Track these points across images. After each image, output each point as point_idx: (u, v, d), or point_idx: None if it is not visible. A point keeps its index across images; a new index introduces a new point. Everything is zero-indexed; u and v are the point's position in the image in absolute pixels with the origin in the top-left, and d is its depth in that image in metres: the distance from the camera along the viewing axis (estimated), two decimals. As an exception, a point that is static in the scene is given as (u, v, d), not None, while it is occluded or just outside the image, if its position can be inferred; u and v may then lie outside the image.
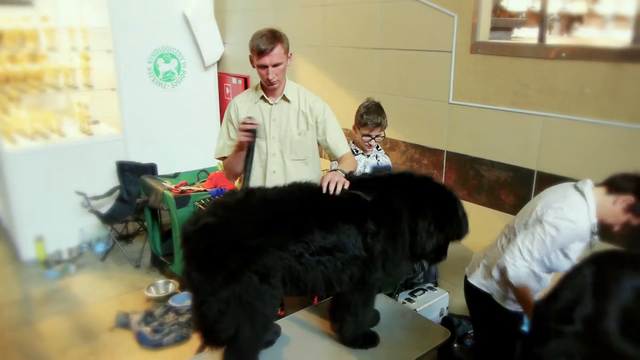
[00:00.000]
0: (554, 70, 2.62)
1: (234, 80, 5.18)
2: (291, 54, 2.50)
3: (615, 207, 1.98)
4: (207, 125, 5.33)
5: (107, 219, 4.61)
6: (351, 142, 2.90)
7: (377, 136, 2.84)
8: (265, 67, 2.39)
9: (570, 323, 1.27)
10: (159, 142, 5.00)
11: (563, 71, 2.59)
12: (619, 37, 2.53)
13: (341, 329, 2.17)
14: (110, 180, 4.77)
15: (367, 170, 2.89)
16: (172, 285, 3.94)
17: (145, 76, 4.87)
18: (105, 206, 4.73)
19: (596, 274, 1.32)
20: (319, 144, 2.65)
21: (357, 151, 2.90)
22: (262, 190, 2.07)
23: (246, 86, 4.98)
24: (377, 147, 2.98)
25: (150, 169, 4.77)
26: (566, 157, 2.61)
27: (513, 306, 2.15)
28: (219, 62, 5.32)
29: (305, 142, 2.58)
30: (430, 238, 2.04)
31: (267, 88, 2.51)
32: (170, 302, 3.67)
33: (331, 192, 2.05)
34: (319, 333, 2.30)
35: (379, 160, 2.96)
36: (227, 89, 5.29)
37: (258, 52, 2.37)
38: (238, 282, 1.81)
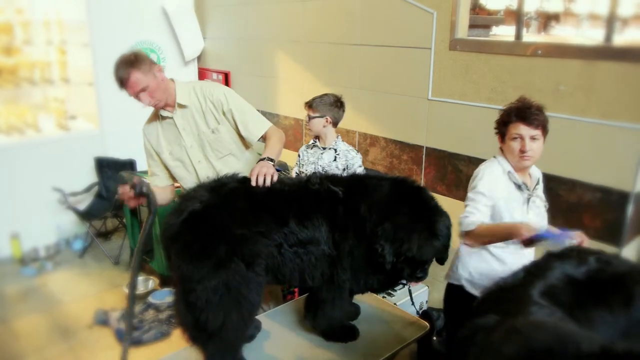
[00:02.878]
0: (530, 67, 2.67)
1: (214, 75, 5.14)
2: (160, 68, 2.44)
3: (505, 146, 2.09)
4: (187, 120, 5.28)
5: (85, 215, 4.55)
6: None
7: (311, 117, 2.76)
8: (136, 97, 2.39)
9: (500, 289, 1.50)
10: (138, 137, 4.92)
11: (539, 68, 2.64)
12: (593, 36, 2.59)
13: (314, 322, 2.19)
14: (88, 176, 4.70)
15: (312, 167, 2.82)
16: (152, 282, 3.91)
17: (123, 71, 4.80)
18: (83, 203, 4.66)
19: (535, 263, 1.58)
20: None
21: (315, 142, 2.85)
22: (243, 182, 2.07)
23: (227, 82, 4.95)
24: (349, 149, 2.87)
25: (130, 165, 4.71)
26: (543, 152, 2.66)
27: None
28: (199, 57, 5.28)
29: (223, 138, 2.54)
30: (391, 247, 1.93)
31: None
32: (150, 299, 3.65)
33: (260, 184, 2.02)
34: (299, 327, 2.31)
35: (337, 154, 2.79)
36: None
37: (120, 85, 2.36)
38: (226, 270, 1.81)
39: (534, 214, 2.10)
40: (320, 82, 3.85)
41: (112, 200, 4.41)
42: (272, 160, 2.18)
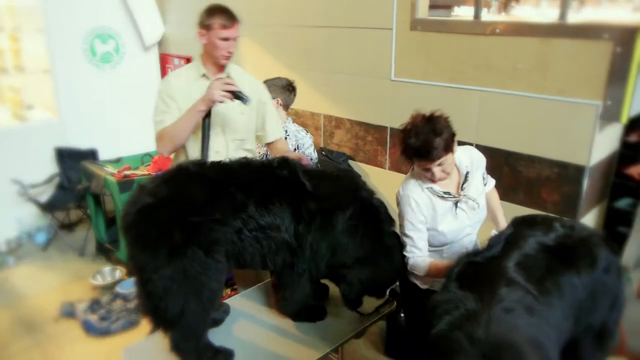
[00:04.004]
0: (489, 47, 2.71)
1: (176, 61, 5.05)
2: None
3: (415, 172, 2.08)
4: (149, 107, 5.16)
5: (47, 207, 4.43)
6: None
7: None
8: (227, 39, 2.37)
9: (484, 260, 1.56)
10: (99, 126, 4.82)
11: (497, 47, 2.68)
12: (550, 14, 2.64)
13: (279, 305, 2.21)
14: (48, 167, 4.57)
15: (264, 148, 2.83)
16: (119, 272, 3.85)
17: (81, 58, 4.66)
18: (45, 194, 4.54)
19: (511, 232, 1.63)
20: None
21: None
22: (201, 165, 2.04)
23: (189, 67, 4.86)
24: (299, 130, 2.92)
25: (91, 155, 4.61)
26: (502, 130, 2.72)
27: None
28: (160, 43, 5.16)
29: (247, 123, 2.56)
30: (355, 292, 2.11)
31: (218, 63, 2.46)
32: (118, 289, 3.60)
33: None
34: (268, 310, 2.32)
35: (287, 135, 2.84)
36: (169, 70, 5.15)
37: (222, 25, 2.35)
38: (182, 258, 1.80)
39: (465, 216, 2.06)
40: (284, 66, 3.82)
41: (75, 191, 4.31)
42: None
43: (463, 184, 2.06)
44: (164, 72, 5.21)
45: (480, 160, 2.15)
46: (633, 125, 2.88)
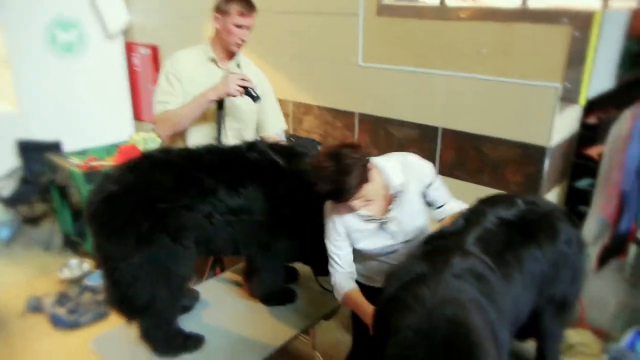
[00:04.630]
0: (454, 31, 2.75)
1: (142, 50, 4.94)
2: None
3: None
4: (115, 98, 5.08)
5: (10, 201, 4.31)
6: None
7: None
8: (241, 27, 2.35)
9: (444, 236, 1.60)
10: (63, 118, 4.70)
11: (462, 32, 2.72)
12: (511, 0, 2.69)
13: (252, 289, 2.22)
14: (9, 160, 4.44)
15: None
16: (87, 265, 3.78)
17: (42, 47, 4.52)
18: (6, 188, 4.40)
19: (473, 209, 1.70)
20: None
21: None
22: (167, 152, 2.03)
23: (155, 56, 4.78)
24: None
25: (55, 147, 4.49)
26: (467, 113, 2.77)
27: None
28: (125, 31, 5.05)
29: (249, 114, 2.55)
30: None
31: (228, 50, 2.43)
32: (86, 282, 3.54)
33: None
34: (238, 295, 2.32)
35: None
36: (135, 59, 5.05)
37: (240, 12, 2.33)
38: (150, 245, 1.79)
39: (390, 237, 1.87)
40: (252, 53, 3.78)
41: (39, 184, 4.20)
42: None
43: (390, 205, 1.84)
44: (129, 61, 5.11)
45: (420, 176, 1.88)
46: (591, 107, 2.98)
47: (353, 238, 1.87)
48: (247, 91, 2.30)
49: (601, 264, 2.79)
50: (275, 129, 2.60)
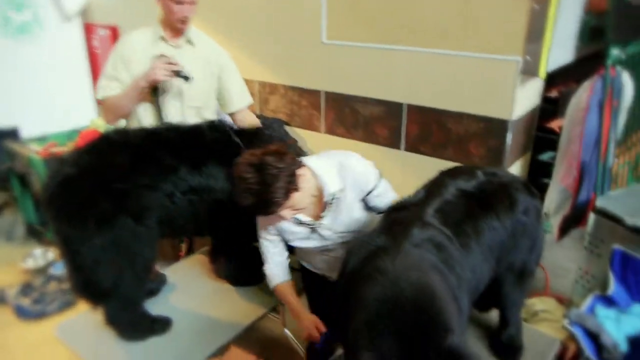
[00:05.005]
0: (416, 6, 2.73)
1: (101, 31, 4.78)
2: None
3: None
4: (75, 81, 4.91)
5: (-33, 191, 4.16)
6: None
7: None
8: (181, 3, 2.25)
9: (404, 208, 1.59)
10: (20, 103, 4.52)
11: (424, 6, 2.70)
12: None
13: (218, 269, 2.21)
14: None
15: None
16: (52, 254, 3.69)
17: (-6, 29, 4.33)
18: (-37, 178, 4.24)
19: (434, 182, 1.70)
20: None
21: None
22: (125, 133, 1.98)
23: (115, 37, 4.63)
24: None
25: (12, 133, 4.32)
26: (431, 88, 2.78)
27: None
28: (84, 12, 4.87)
29: (206, 91, 2.49)
30: None
31: (175, 27, 2.34)
32: (51, 271, 3.46)
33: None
34: (205, 277, 2.31)
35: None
36: (94, 40, 4.89)
37: None
38: (112, 227, 1.76)
39: (323, 240, 1.85)
40: (215, 32, 3.70)
41: (-2, 173, 4.06)
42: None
43: (323, 212, 1.76)
44: (89, 43, 4.94)
45: (360, 183, 1.77)
46: (552, 81, 3.03)
47: (286, 238, 1.85)
48: (177, 73, 2.25)
49: (562, 233, 2.87)
50: (241, 104, 2.54)
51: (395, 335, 1.18)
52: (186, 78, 2.26)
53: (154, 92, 2.33)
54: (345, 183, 1.73)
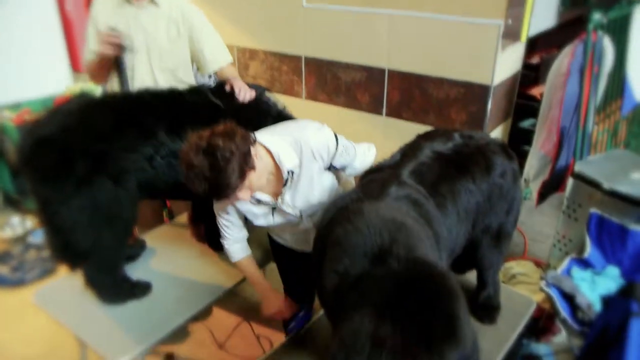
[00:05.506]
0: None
1: (74, -5, 4.62)
2: None
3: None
4: (49, 47, 4.75)
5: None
6: None
7: None
8: None
9: (379, 170, 1.59)
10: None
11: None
12: None
13: (199, 233, 2.20)
14: None
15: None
16: (30, 222, 3.65)
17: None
18: None
19: (411, 142, 1.69)
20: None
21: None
22: (103, 96, 1.94)
23: (89, 1, 4.47)
24: None
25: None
26: (411, 53, 2.75)
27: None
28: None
29: (176, 52, 2.40)
30: None
31: None
32: (30, 239, 3.43)
33: (242, 99, 2.05)
34: (185, 242, 2.30)
35: None
36: (68, 5, 4.72)
37: None
38: (90, 188, 1.73)
39: (284, 219, 1.78)
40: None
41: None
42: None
43: (285, 183, 1.66)
44: (61, 7, 4.77)
45: (318, 154, 1.67)
46: (533, 47, 3.02)
47: (247, 218, 1.78)
48: (120, 46, 2.17)
49: (541, 199, 2.91)
50: (217, 64, 2.45)
51: (370, 262, 1.20)
52: (128, 49, 2.19)
53: (115, 62, 2.27)
54: (302, 157, 1.64)
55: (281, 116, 2.11)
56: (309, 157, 1.64)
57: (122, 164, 1.79)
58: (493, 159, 1.65)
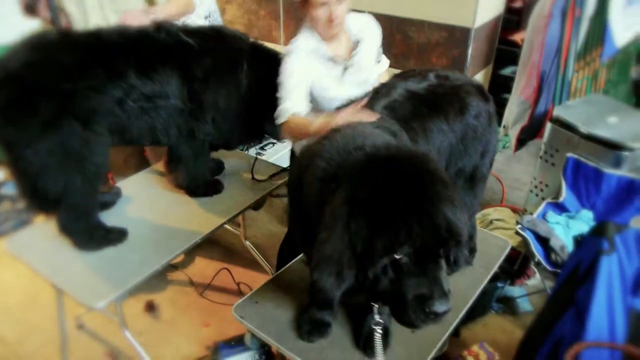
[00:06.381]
0: None
1: None
2: None
3: (310, 17, 1.82)
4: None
5: None
6: None
7: None
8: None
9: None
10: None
11: None
12: None
13: (176, 180, 2.16)
14: None
15: None
16: (2, 173, 3.56)
17: None
18: None
19: (386, 82, 1.68)
20: None
21: None
22: (67, 33, 1.84)
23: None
24: None
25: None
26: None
27: None
28: None
29: None
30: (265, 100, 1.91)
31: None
32: (3, 191, 3.35)
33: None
34: (162, 189, 2.26)
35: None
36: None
37: None
38: (57, 130, 1.66)
39: (351, 88, 1.89)
40: None
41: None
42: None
43: (354, 50, 1.87)
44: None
45: (374, 32, 1.95)
46: (517, -11, 2.96)
47: (319, 86, 1.87)
48: None
49: (519, 145, 2.92)
50: None
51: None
52: None
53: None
54: (363, 31, 1.91)
55: (256, 50, 2.04)
56: (368, 33, 1.92)
57: (89, 104, 1.71)
58: (467, 100, 1.61)
